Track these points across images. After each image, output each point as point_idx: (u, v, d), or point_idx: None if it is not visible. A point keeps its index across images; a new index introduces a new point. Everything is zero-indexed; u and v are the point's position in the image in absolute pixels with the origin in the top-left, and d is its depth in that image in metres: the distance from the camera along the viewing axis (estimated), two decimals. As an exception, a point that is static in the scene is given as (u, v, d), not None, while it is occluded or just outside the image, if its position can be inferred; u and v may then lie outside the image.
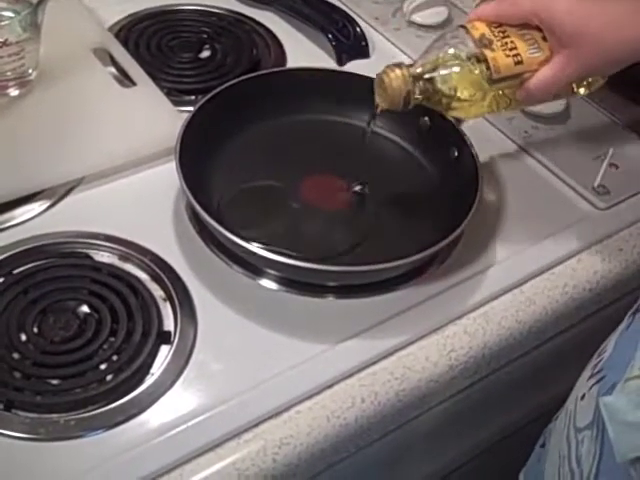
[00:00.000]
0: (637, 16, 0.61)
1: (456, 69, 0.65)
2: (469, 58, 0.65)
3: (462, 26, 0.67)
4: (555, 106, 0.87)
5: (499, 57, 0.65)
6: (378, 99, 0.68)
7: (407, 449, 0.74)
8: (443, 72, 0.66)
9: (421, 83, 0.66)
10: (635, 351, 0.54)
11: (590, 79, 0.70)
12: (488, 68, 0.65)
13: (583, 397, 0.58)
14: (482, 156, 0.76)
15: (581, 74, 0.65)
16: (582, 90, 0.71)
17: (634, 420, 0.48)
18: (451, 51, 0.66)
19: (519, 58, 0.65)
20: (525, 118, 0.87)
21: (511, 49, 0.65)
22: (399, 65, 0.66)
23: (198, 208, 0.68)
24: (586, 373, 0.61)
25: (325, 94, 0.82)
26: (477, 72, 0.65)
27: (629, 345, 0.57)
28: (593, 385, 0.57)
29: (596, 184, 0.81)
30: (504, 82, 0.66)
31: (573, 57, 0.63)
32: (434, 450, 0.78)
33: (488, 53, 0.65)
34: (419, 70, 0.66)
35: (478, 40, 0.65)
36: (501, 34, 0.65)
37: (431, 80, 0.66)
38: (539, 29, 0.65)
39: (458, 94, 0.66)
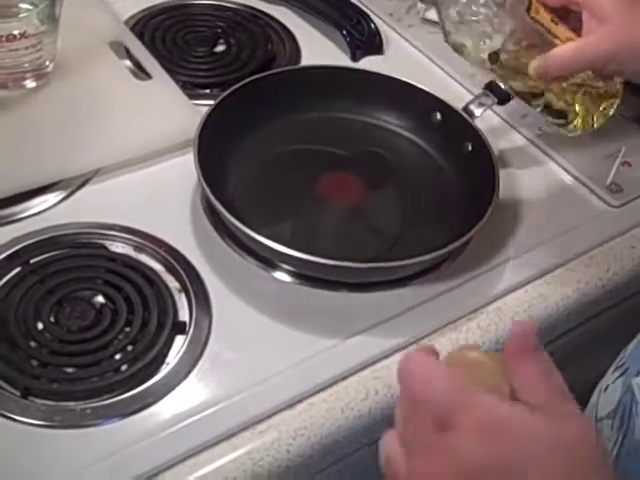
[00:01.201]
0: None
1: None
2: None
3: None
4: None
5: (540, 8, 0.69)
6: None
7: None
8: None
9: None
10: None
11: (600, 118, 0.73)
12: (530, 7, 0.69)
13: (606, 389, 0.58)
14: (494, 152, 0.76)
15: (603, 58, 0.65)
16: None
17: None
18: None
19: (556, 21, 0.69)
20: (538, 115, 0.87)
21: (551, 13, 0.69)
22: None
23: (214, 200, 0.68)
24: (611, 368, 0.62)
25: (341, 92, 0.82)
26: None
27: None
28: (617, 377, 0.57)
29: (609, 182, 0.81)
30: (536, 26, 0.69)
31: (604, 36, 0.64)
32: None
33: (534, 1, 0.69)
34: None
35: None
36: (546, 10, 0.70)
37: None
38: None
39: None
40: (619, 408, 0.54)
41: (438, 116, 0.81)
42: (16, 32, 0.75)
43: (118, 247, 0.71)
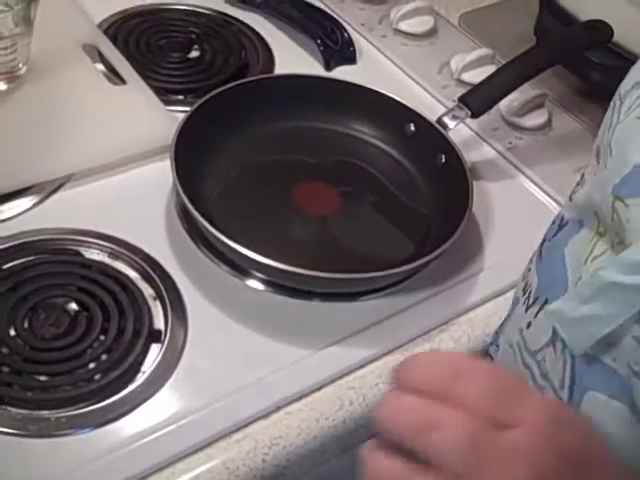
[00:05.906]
0: None
1: None
2: None
3: None
4: (537, 118, 0.89)
5: None
6: None
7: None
8: None
9: None
10: (563, 266, 0.56)
11: None
12: None
13: (529, 325, 0.59)
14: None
15: None
16: None
17: (579, 315, 0.50)
18: None
19: None
20: (509, 128, 0.88)
21: None
22: None
23: (190, 207, 0.68)
24: (519, 310, 0.62)
25: (315, 101, 0.82)
26: None
27: (552, 267, 0.59)
28: (538, 312, 0.58)
29: (577, 195, 0.82)
30: None
31: None
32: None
33: None
34: None
35: None
36: None
37: None
38: None
39: None
40: (554, 335, 0.55)
41: (412, 127, 0.81)
42: (-10, 34, 0.74)
43: (93, 254, 0.70)
